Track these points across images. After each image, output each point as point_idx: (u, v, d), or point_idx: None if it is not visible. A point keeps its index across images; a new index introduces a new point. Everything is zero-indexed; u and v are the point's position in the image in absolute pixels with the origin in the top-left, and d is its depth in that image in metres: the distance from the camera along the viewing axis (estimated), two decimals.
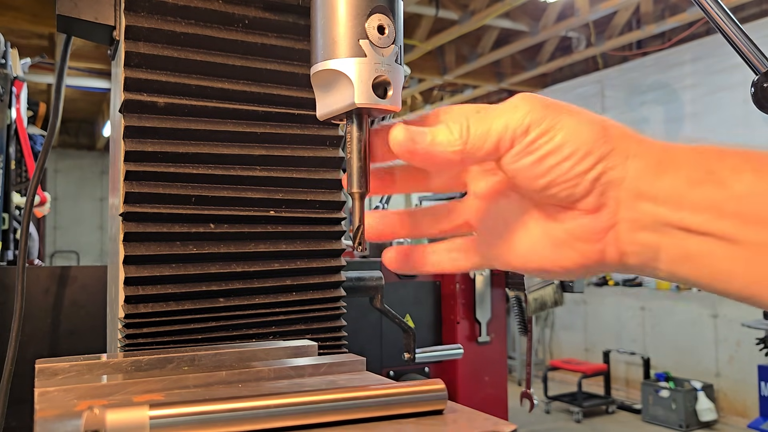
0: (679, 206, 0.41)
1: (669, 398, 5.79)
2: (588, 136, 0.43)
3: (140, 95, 0.88)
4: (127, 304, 0.86)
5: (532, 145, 0.43)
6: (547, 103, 0.44)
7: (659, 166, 0.42)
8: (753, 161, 0.40)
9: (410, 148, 0.46)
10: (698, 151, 0.42)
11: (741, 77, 5.77)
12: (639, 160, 0.43)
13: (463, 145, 0.45)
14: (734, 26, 0.76)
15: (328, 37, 0.51)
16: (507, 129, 0.43)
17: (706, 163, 0.41)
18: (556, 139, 0.43)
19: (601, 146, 0.43)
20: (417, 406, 0.59)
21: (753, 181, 0.39)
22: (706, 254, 0.41)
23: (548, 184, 0.44)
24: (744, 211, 0.39)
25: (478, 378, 1.94)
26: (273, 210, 0.96)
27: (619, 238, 0.44)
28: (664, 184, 0.42)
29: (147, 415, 0.51)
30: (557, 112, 0.43)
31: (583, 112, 0.44)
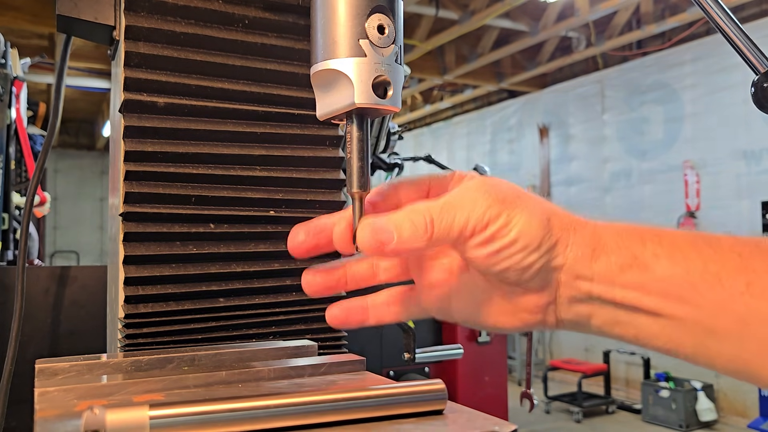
0: (611, 285, 0.49)
1: (669, 398, 5.79)
2: (537, 231, 0.49)
3: (140, 95, 0.88)
4: (127, 304, 0.86)
5: (490, 239, 0.48)
6: (502, 198, 0.49)
7: (593, 252, 0.49)
8: (666, 246, 0.48)
9: (378, 248, 0.49)
10: (623, 236, 0.50)
11: (741, 77, 5.77)
12: (577, 248, 0.50)
13: (428, 240, 0.48)
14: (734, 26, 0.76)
15: (328, 36, 0.50)
16: (468, 223, 0.48)
17: (631, 248, 0.49)
18: (511, 234, 0.48)
19: (548, 240, 0.49)
20: (417, 407, 0.59)
21: (669, 266, 0.47)
22: (632, 321, 0.49)
23: (501, 270, 0.49)
24: (665, 290, 0.47)
25: (478, 378, 1.94)
26: (273, 210, 0.96)
27: (558, 309, 0.52)
28: (599, 267, 0.49)
29: (147, 415, 0.51)
30: (511, 207, 0.49)
31: (532, 204, 0.50)
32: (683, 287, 0.47)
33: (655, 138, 6.91)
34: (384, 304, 0.58)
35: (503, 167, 9.09)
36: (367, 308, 0.58)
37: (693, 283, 0.46)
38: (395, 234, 0.48)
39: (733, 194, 6.09)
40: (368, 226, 0.49)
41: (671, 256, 0.48)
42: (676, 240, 0.48)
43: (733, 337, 0.46)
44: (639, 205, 7.09)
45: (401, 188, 0.55)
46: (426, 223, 0.48)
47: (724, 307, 0.46)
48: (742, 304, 0.45)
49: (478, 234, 0.48)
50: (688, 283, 0.47)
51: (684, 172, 6.55)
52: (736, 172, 6.06)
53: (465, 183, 0.52)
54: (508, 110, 9.28)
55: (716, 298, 0.46)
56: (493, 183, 0.50)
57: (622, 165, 7.32)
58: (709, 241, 0.48)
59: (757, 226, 5.74)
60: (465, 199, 0.49)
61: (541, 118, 8.57)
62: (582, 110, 7.96)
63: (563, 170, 8.23)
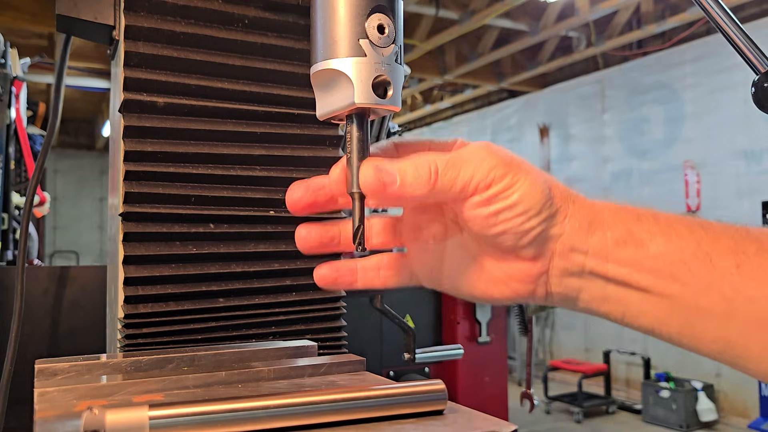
0: (605, 260, 0.50)
1: (669, 398, 5.79)
2: (539, 198, 0.49)
3: (140, 95, 0.88)
4: (126, 304, 0.86)
5: (491, 198, 0.48)
6: (508, 161, 0.49)
7: (590, 226, 0.50)
8: (661, 225, 0.49)
9: (380, 188, 0.49)
10: (620, 213, 0.51)
11: (741, 77, 5.77)
12: (575, 219, 0.50)
13: (431, 189, 0.48)
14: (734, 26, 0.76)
15: (328, 36, 0.50)
16: (473, 179, 0.48)
17: (628, 224, 0.50)
18: (513, 197, 0.48)
19: (548, 208, 0.49)
20: (417, 407, 0.59)
21: (663, 243, 0.48)
22: (621, 298, 0.50)
23: (498, 233, 0.49)
24: (657, 267, 0.48)
25: (478, 378, 1.94)
26: (273, 210, 0.96)
27: (549, 281, 0.52)
28: (594, 240, 0.50)
29: (146, 416, 0.51)
30: (516, 170, 0.49)
31: (535, 172, 0.50)
32: (675, 265, 0.48)
33: (655, 138, 6.91)
34: (374, 268, 0.57)
35: None
36: (356, 271, 0.57)
37: (685, 261, 0.47)
38: (398, 177, 0.48)
39: (734, 194, 6.09)
40: (372, 167, 0.48)
41: (666, 234, 0.49)
42: (671, 220, 0.50)
43: (720, 316, 0.46)
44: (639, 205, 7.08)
45: (402, 147, 0.55)
46: (430, 172, 0.48)
47: (713, 285, 0.46)
48: (730, 283, 0.46)
49: (480, 192, 0.48)
50: (680, 261, 0.47)
51: (684, 172, 6.55)
52: (737, 171, 6.06)
53: (471, 144, 0.51)
54: (509, 110, 9.28)
55: (706, 277, 0.47)
56: (499, 147, 0.50)
57: (622, 165, 7.32)
58: (702, 224, 0.49)
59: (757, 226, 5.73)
60: (472, 156, 0.49)
61: (541, 117, 8.57)
62: (582, 110, 7.96)
63: (563, 170, 8.23)
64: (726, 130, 6.13)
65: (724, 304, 0.46)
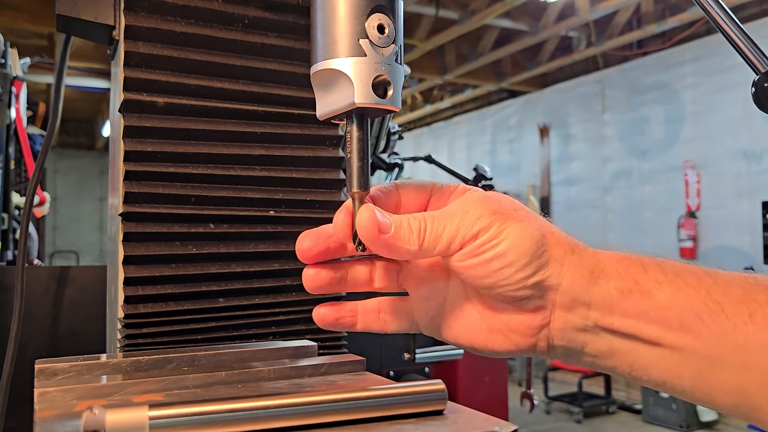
0: (610, 311, 0.48)
1: (670, 398, 5.79)
2: (529, 246, 0.47)
3: (140, 95, 0.88)
4: (126, 304, 0.86)
5: (478, 249, 0.48)
6: (495, 209, 0.48)
7: (592, 275, 0.48)
8: (668, 274, 0.47)
9: (374, 232, 0.49)
10: (624, 262, 0.49)
11: (741, 77, 5.76)
12: (574, 269, 0.48)
13: (420, 246, 0.49)
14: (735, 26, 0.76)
15: (327, 36, 0.50)
16: (458, 232, 0.48)
17: (633, 274, 0.48)
18: (500, 246, 0.47)
19: (539, 256, 0.48)
20: (417, 407, 0.59)
21: (672, 293, 0.46)
22: (628, 351, 0.48)
23: (492, 284, 0.49)
24: (666, 318, 0.46)
25: (478, 378, 1.94)
26: (273, 210, 0.96)
27: (551, 334, 0.50)
28: (597, 291, 0.48)
29: (146, 416, 0.51)
30: (504, 218, 0.48)
31: (527, 220, 0.49)
32: (685, 315, 0.46)
33: (655, 138, 6.91)
34: (374, 310, 0.57)
35: (503, 167, 9.09)
36: (357, 312, 0.57)
37: (695, 311, 0.46)
38: (393, 227, 0.49)
39: (734, 194, 6.09)
40: (371, 211, 0.49)
41: (673, 283, 0.47)
42: (678, 269, 0.48)
43: (734, 367, 0.45)
44: (639, 205, 7.10)
45: (403, 189, 0.55)
46: (420, 229, 0.48)
47: (726, 336, 0.45)
48: (744, 333, 0.44)
49: (467, 244, 0.48)
50: (691, 311, 0.46)
51: (684, 172, 6.55)
52: (737, 171, 6.06)
53: (464, 195, 0.52)
54: (509, 110, 9.28)
55: (718, 327, 0.45)
56: (491, 196, 0.50)
57: (622, 165, 7.32)
58: (709, 273, 0.47)
59: (757, 226, 5.74)
60: (458, 209, 0.49)
61: (541, 117, 8.57)
62: (582, 110, 7.96)
63: (563, 170, 8.23)
64: (726, 130, 6.13)
65: (738, 354, 0.45)
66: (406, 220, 0.49)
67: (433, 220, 0.49)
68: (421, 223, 0.49)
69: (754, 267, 5.58)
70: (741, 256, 5.89)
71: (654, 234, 6.90)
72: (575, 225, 7.66)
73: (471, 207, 0.49)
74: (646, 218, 7.04)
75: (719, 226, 6.19)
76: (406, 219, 0.49)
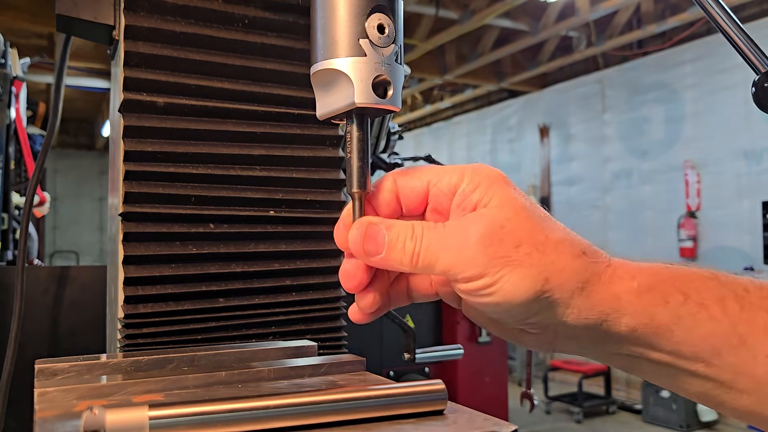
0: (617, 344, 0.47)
1: (670, 398, 5.79)
2: (525, 296, 0.44)
3: (140, 95, 0.88)
4: (126, 304, 0.86)
5: (471, 292, 0.46)
6: (493, 253, 0.44)
7: (599, 316, 0.45)
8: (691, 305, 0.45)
9: (361, 256, 0.48)
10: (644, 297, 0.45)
11: (742, 77, 5.77)
12: (579, 312, 0.45)
13: (412, 269, 0.47)
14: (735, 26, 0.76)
15: (328, 36, 0.50)
16: (450, 270, 0.45)
17: (650, 310, 0.45)
18: (493, 297, 0.45)
19: (538, 302, 0.45)
20: (417, 407, 0.59)
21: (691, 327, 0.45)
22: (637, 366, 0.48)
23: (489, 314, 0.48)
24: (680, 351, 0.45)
25: (478, 378, 1.94)
26: (273, 210, 0.96)
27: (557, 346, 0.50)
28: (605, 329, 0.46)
29: (146, 416, 0.51)
30: (502, 264, 0.44)
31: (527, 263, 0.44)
32: (702, 349, 0.44)
33: (655, 138, 6.91)
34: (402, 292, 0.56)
35: (503, 167, 9.07)
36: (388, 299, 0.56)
37: (714, 346, 0.44)
38: (385, 250, 0.47)
39: (734, 194, 6.09)
40: (361, 230, 0.48)
41: (695, 316, 0.44)
42: (703, 296, 0.45)
43: (751, 395, 0.44)
44: (640, 205, 7.09)
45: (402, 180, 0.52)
46: (414, 254, 0.46)
47: (744, 368, 0.44)
48: (763, 366, 0.43)
49: (460, 283, 0.46)
50: (709, 346, 0.44)
51: (685, 172, 6.55)
52: (737, 171, 6.06)
53: (467, 218, 0.47)
54: (509, 110, 9.27)
55: (736, 361, 0.44)
56: (495, 231, 0.45)
57: (622, 165, 7.32)
58: (739, 298, 0.45)
59: (757, 226, 5.74)
60: (455, 240, 0.46)
61: (541, 117, 8.57)
62: (582, 110, 7.96)
63: (564, 170, 8.23)
64: (726, 129, 6.13)
65: (755, 385, 0.44)
66: (402, 239, 0.47)
67: (428, 247, 0.46)
68: (416, 246, 0.46)
69: (753, 267, 5.58)
70: (741, 256, 5.88)
71: (654, 234, 6.90)
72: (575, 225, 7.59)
73: (469, 244, 0.45)
74: (646, 218, 7.04)
75: (719, 226, 6.19)
76: (402, 237, 0.47)
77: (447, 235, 0.46)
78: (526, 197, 0.48)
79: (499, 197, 0.46)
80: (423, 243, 0.46)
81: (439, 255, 0.46)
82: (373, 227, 0.48)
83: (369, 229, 0.48)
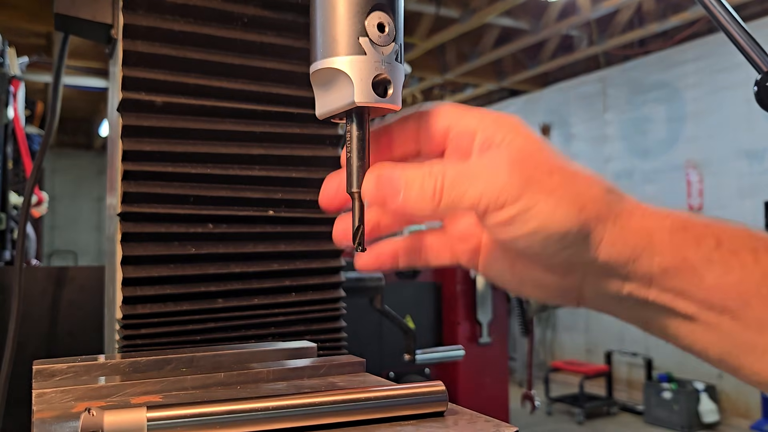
0: (647, 285, 0.45)
1: (671, 399, 5.79)
2: (562, 223, 0.42)
3: (138, 94, 0.88)
4: (125, 304, 0.86)
5: (504, 222, 0.43)
6: (529, 176, 0.42)
7: (633, 251, 0.44)
8: (724, 251, 0.43)
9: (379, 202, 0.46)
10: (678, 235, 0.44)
11: (744, 76, 5.76)
12: (612, 244, 0.44)
13: (434, 208, 0.44)
14: (737, 25, 0.75)
15: (327, 35, 0.50)
16: (481, 200, 0.43)
17: (683, 250, 0.43)
18: (529, 224, 0.42)
19: (576, 233, 0.43)
20: (417, 408, 0.59)
21: (722, 274, 0.43)
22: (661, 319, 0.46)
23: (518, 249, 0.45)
24: (709, 299, 0.43)
25: (479, 379, 1.93)
26: (272, 210, 0.96)
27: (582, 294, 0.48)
28: (637, 267, 0.44)
29: (144, 417, 0.50)
30: (536, 189, 0.42)
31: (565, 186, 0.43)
32: (731, 297, 0.43)
33: (657, 137, 6.91)
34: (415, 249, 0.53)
35: None
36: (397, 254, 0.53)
37: (743, 295, 0.42)
38: (402, 193, 0.44)
39: (736, 194, 6.08)
40: (375, 177, 0.46)
41: (727, 264, 0.43)
42: (737, 245, 0.44)
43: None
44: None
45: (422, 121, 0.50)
46: (435, 190, 0.43)
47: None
48: None
49: (491, 213, 0.43)
50: (737, 295, 0.43)
51: (686, 172, 6.55)
52: (739, 171, 6.05)
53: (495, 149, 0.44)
54: (510, 109, 9.27)
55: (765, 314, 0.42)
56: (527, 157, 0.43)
57: (624, 164, 7.32)
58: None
59: (759, 226, 5.72)
60: (485, 168, 0.43)
61: (542, 117, 8.57)
62: (584, 109, 7.96)
63: None
64: (728, 129, 6.13)
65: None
66: (420, 179, 0.44)
67: (452, 181, 0.43)
68: (437, 182, 0.43)
69: None
70: None
71: None
72: None
73: (500, 170, 0.43)
74: None
75: None
76: (419, 177, 0.44)
77: (473, 167, 0.44)
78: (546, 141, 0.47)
79: (523, 135, 0.45)
80: (446, 178, 0.43)
81: (467, 187, 0.43)
82: (386, 170, 0.46)
83: (382, 172, 0.46)
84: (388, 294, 1.39)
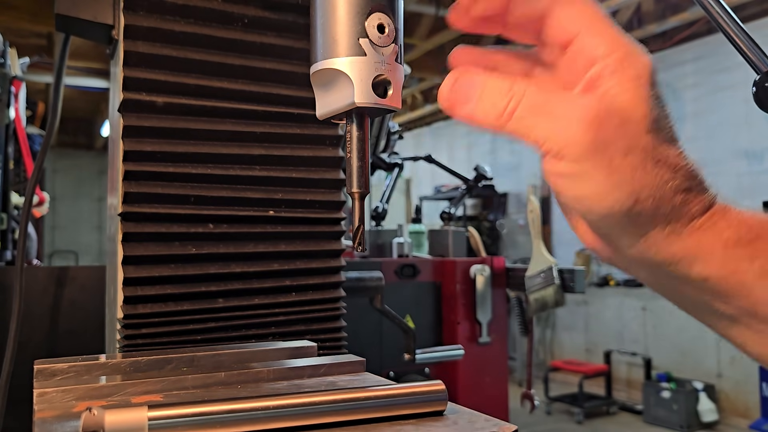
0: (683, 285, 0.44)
1: (670, 399, 5.79)
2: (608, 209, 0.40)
3: (139, 94, 0.88)
4: (125, 304, 0.86)
5: (559, 175, 0.40)
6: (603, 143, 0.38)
7: (673, 257, 0.42)
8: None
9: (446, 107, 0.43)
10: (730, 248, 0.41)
11: (742, 76, 5.76)
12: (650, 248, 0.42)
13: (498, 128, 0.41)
14: (735, 25, 0.76)
15: (327, 35, 0.50)
16: (544, 143, 0.40)
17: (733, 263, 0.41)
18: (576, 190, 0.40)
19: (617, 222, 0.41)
20: (417, 408, 0.59)
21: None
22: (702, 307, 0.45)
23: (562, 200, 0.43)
24: (753, 309, 0.42)
25: (478, 379, 1.94)
26: (272, 210, 0.96)
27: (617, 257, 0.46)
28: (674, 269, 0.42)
29: (145, 416, 0.51)
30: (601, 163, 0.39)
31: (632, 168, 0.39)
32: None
33: None
34: None
35: (504, 167, 9.08)
36: None
37: None
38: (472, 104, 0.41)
39: (735, 194, 6.08)
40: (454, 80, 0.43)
41: None
42: None
43: None
44: None
45: None
46: (505, 111, 0.40)
47: None
48: None
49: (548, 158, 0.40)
50: None
51: None
52: (738, 171, 6.06)
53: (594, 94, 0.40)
54: None
55: None
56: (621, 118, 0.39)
57: None
58: None
59: None
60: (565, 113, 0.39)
61: None
62: None
63: None
64: (727, 129, 6.13)
65: None
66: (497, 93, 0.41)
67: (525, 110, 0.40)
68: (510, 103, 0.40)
69: None
70: None
71: None
72: None
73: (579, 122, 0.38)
74: None
75: None
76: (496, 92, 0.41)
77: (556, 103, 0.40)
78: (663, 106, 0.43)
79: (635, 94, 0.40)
80: (521, 103, 0.40)
81: (537, 123, 0.40)
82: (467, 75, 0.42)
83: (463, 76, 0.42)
84: (388, 294, 1.39)
